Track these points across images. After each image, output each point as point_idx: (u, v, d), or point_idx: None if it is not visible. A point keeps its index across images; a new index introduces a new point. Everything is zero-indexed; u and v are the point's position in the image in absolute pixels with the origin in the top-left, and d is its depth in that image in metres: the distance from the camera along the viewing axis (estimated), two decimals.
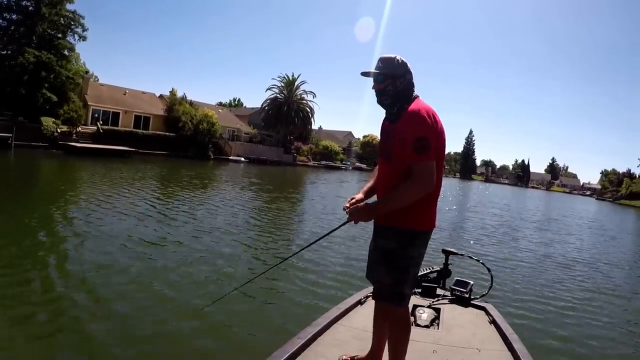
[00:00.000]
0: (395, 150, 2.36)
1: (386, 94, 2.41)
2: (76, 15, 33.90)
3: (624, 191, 78.12)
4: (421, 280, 4.05)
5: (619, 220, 34.54)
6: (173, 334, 4.46)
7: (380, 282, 2.44)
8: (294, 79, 61.41)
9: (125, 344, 4.12)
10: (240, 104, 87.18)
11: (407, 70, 2.43)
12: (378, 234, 2.50)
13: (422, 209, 2.36)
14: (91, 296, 5.15)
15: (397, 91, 2.40)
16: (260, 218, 12.23)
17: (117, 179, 17.63)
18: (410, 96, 2.41)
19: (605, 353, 5.43)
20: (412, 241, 2.37)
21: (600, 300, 7.78)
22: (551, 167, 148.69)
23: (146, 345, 4.18)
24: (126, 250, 7.19)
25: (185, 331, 4.54)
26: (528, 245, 13.28)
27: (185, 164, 30.96)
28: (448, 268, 4.27)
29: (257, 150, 50.96)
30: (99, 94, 39.33)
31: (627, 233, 23.90)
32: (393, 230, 2.38)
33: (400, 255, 2.37)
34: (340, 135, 78.83)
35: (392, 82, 2.39)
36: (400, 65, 2.42)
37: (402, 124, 2.33)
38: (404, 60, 2.44)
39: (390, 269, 2.38)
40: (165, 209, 11.75)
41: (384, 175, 2.49)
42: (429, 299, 3.88)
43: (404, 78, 2.40)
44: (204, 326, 4.68)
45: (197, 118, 40.93)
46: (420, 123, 2.25)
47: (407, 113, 2.32)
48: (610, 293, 8.44)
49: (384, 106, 2.48)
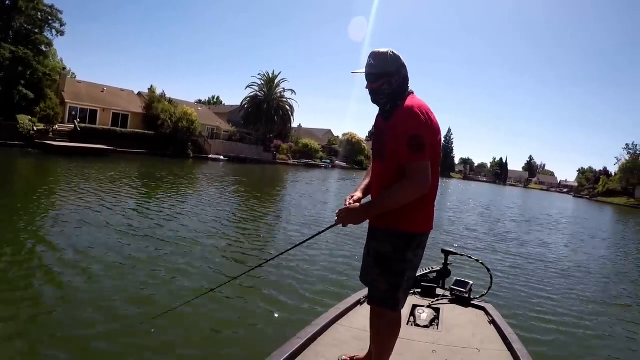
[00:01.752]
0: (388, 149, 2.27)
1: (381, 93, 2.30)
2: (54, 10, 33.52)
3: (600, 189, 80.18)
4: (421, 280, 4.06)
5: (608, 219, 35.37)
6: (173, 334, 4.46)
7: (374, 287, 2.35)
8: (274, 76, 61.49)
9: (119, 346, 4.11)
10: (219, 102, 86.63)
11: (402, 65, 2.30)
12: (372, 237, 2.41)
13: (418, 210, 2.27)
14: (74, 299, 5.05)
15: (393, 90, 2.29)
16: (240, 220, 11.99)
17: (93, 179, 17.20)
18: (405, 92, 2.30)
19: (606, 353, 5.43)
20: (408, 244, 2.27)
21: (600, 300, 7.85)
22: (529, 165, 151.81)
23: (145, 346, 4.16)
24: (98, 251, 7.00)
25: (185, 331, 4.55)
26: (527, 245, 13.45)
27: (165, 163, 30.82)
28: (448, 268, 4.26)
29: (237, 148, 50.98)
30: (77, 91, 38.86)
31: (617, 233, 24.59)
32: (388, 232, 2.29)
33: (395, 258, 2.28)
34: (320, 133, 79.19)
35: (387, 81, 2.27)
36: (394, 61, 2.28)
37: (395, 121, 2.23)
38: (397, 54, 2.30)
39: (384, 273, 2.29)
40: (143, 210, 11.51)
41: (377, 174, 2.41)
42: (429, 299, 3.88)
43: (399, 75, 2.28)
44: (203, 326, 4.73)
45: (177, 116, 40.73)
46: (414, 120, 2.15)
47: (400, 110, 2.22)
48: (610, 293, 8.53)
49: (378, 105, 2.37)
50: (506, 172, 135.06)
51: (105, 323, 4.49)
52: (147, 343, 4.24)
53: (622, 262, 12.99)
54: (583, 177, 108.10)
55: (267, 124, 57.95)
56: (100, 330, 4.34)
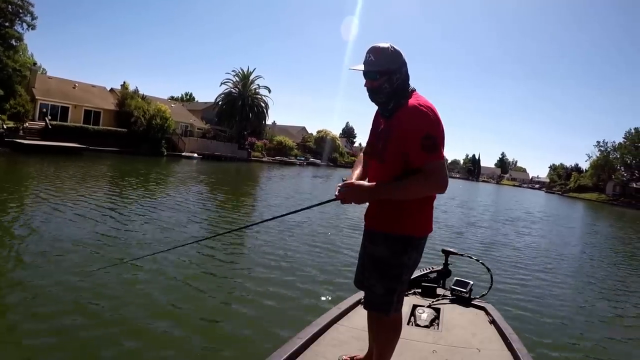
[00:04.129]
0: (390, 149, 2.17)
1: (382, 92, 2.18)
2: (25, 3, 32.45)
3: (572, 184, 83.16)
4: (421, 280, 4.08)
5: (592, 215, 36.35)
6: (171, 334, 4.50)
7: (371, 291, 2.30)
8: (249, 73, 61.14)
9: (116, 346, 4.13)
10: (192, 99, 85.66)
11: (403, 62, 2.20)
12: (368, 240, 2.34)
13: (417, 213, 2.21)
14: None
15: (394, 88, 2.18)
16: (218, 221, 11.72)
17: (63, 179, 16.67)
18: (407, 89, 2.21)
19: (606, 353, 5.45)
20: (406, 248, 2.21)
21: (600, 300, 7.94)
22: (501, 161, 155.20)
23: (144, 346, 4.20)
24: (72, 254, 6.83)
25: (184, 331, 4.59)
26: (526, 245, 13.69)
27: (138, 161, 30.54)
28: (448, 268, 4.27)
29: (211, 146, 50.93)
30: (48, 87, 38.04)
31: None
32: (385, 236, 2.22)
33: (392, 263, 2.22)
34: (294, 130, 79.49)
35: (388, 79, 2.16)
36: (395, 57, 2.18)
37: (400, 120, 2.13)
38: (398, 49, 2.19)
39: (381, 277, 2.24)
40: (116, 210, 11.17)
41: (375, 174, 2.27)
42: (429, 299, 3.89)
43: (400, 72, 2.18)
44: (203, 326, 4.77)
45: (150, 113, 40.18)
46: (424, 120, 2.07)
47: (406, 109, 2.12)
48: (609, 293, 8.62)
49: (378, 104, 2.28)
50: (479, 169, 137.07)
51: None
52: (148, 344, 4.25)
53: (622, 261, 13.36)
54: (554, 173, 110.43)
55: (241, 121, 57.79)
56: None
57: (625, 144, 71.14)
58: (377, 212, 2.28)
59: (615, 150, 74.67)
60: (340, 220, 13.54)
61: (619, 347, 5.74)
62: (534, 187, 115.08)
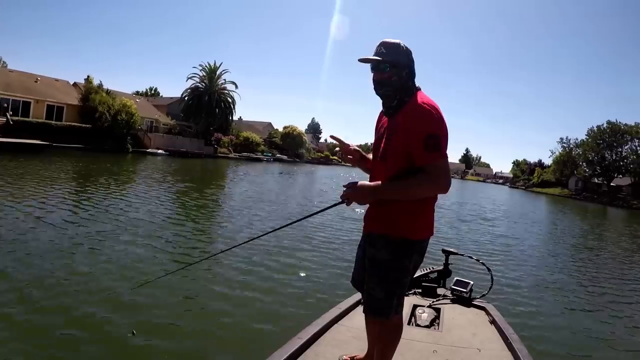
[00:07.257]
0: (392, 149, 2.19)
1: (390, 85, 2.19)
2: None
3: (535, 180, 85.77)
4: (422, 280, 4.09)
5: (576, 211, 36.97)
6: (171, 334, 4.53)
7: (370, 295, 2.27)
8: (215, 67, 60.71)
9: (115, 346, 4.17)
10: (157, 94, 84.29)
11: (412, 60, 2.24)
12: (368, 242, 2.31)
13: (418, 216, 2.20)
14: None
15: (402, 83, 2.20)
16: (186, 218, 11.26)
17: (23, 177, 15.91)
18: (412, 88, 2.23)
19: (606, 352, 5.44)
20: (406, 251, 2.19)
21: (600, 300, 7.97)
22: (465, 157, 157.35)
23: (144, 349, 4.20)
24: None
25: (183, 331, 4.63)
26: (526, 244, 13.72)
27: (102, 158, 30.08)
28: (448, 268, 4.26)
29: (177, 142, 50.66)
30: (8, 81, 36.85)
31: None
32: (385, 239, 2.20)
33: (392, 267, 2.19)
34: (260, 126, 79.71)
35: (397, 72, 2.18)
36: (405, 53, 2.22)
37: (404, 119, 2.14)
38: (409, 48, 2.24)
39: (381, 281, 2.21)
40: (78, 209, 10.86)
41: (379, 175, 2.26)
42: (429, 298, 3.89)
43: (408, 68, 2.21)
44: (203, 326, 4.80)
45: (115, 108, 39.66)
46: (428, 118, 2.07)
47: (410, 107, 2.14)
48: (610, 292, 8.65)
49: (383, 98, 2.27)
50: None
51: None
52: (147, 346, 4.25)
53: (621, 261, 13.40)
54: (518, 168, 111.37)
55: (208, 117, 57.54)
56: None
57: (588, 140, 72.47)
58: (377, 215, 2.28)
59: (577, 147, 76.06)
60: (341, 220, 13.54)
61: (621, 346, 5.70)
62: (498, 182, 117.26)
